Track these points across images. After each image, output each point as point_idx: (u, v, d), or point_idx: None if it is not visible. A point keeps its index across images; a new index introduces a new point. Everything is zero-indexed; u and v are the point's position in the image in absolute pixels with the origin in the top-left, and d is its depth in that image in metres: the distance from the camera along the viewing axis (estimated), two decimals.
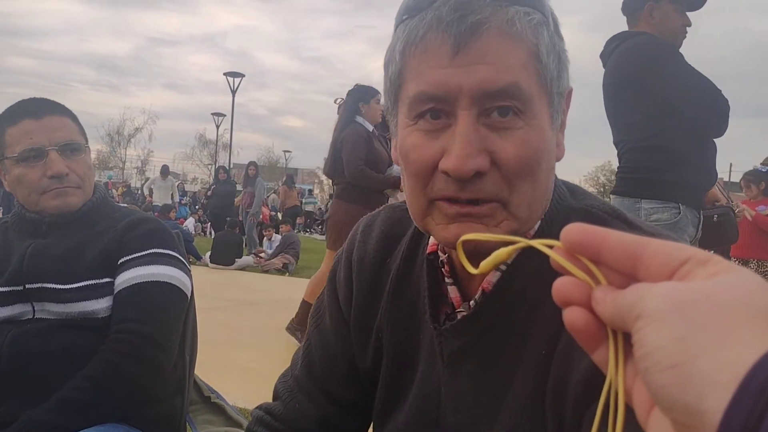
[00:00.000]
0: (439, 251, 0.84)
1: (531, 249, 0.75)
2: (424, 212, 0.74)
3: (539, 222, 0.77)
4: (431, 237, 0.86)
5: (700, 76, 2.75)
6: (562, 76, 0.74)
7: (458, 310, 0.81)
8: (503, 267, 0.77)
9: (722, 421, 0.28)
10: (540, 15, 0.71)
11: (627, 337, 0.36)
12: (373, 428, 0.97)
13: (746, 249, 5.53)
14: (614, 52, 2.89)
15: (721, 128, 2.79)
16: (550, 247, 0.40)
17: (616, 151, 2.99)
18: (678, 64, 2.74)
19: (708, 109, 2.74)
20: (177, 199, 15.70)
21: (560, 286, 0.38)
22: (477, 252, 0.57)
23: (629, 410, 0.36)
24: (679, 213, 2.73)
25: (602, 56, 3.00)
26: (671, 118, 2.73)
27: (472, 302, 0.79)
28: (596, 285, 0.37)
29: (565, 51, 0.75)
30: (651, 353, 0.31)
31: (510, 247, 0.44)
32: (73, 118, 1.51)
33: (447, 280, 0.82)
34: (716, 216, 3.10)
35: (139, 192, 21.55)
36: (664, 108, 2.73)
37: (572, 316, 0.38)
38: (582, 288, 0.38)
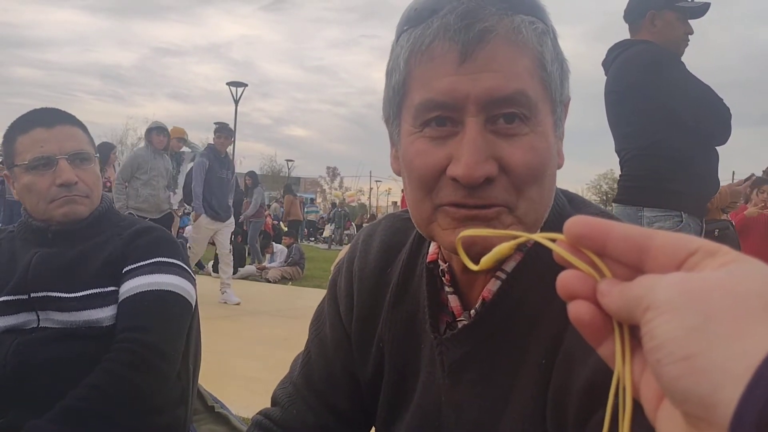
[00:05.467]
0: (439, 260, 0.84)
1: (531, 257, 0.75)
2: (429, 218, 0.74)
3: (538, 231, 0.77)
4: (431, 246, 0.86)
5: (701, 85, 2.75)
6: (564, 84, 0.75)
7: (459, 319, 0.81)
8: (503, 276, 0.77)
9: (736, 411, 0.27)
10: (543, 24, 0.71)
11: (633, 331, 0.35)
12: None
13: (760, 255, 5.48)
14: (616, 61, 2.89)
15: (723, 136, 2.79)
16: (553, 240, 0.39)
17: (618, 159, 2.99)
18: (680, 73, 2.75)
19: (710, 118, 2.74)
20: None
21: (565, 280, 0.38)
22: (482, 254, 0.57)
23: (637, 405, 0.36)
24: (682, 221, 2.72)
25: (604, 64, 3.01)
26: (673, 127, 2.72)
27: (472, 311, 0.79)
28: (601, 278, 0.37)
29: (566, 60, 0.76)
30: (662, 344, 0.30)
31: (512, 242, 0.44)
32: (84, 128, 1.53)
33: (447, 289, 0.82)
34: (717, 230, 3.10)
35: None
36: (666, 116, 2.73)
37: (577, 310, 0.37)
38: (586, 281, 0.37)
